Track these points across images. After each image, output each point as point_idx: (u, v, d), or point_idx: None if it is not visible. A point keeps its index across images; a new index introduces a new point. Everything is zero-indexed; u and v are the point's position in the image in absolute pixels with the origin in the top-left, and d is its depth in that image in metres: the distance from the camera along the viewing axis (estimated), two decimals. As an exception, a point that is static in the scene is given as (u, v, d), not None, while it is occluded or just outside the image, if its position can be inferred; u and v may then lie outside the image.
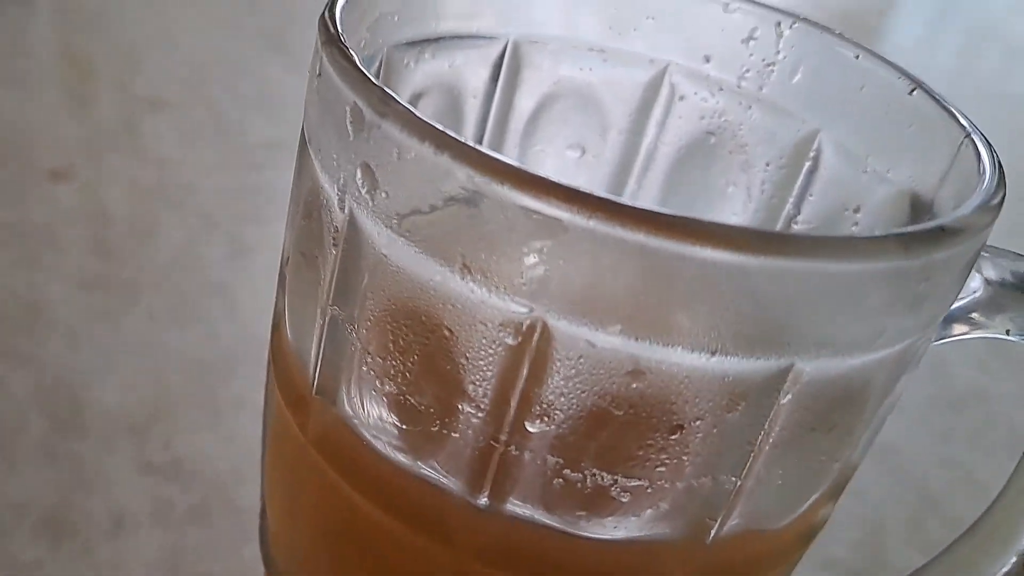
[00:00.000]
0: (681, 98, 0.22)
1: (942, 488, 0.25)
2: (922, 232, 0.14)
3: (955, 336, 0.19)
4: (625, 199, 0.14)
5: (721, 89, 0.21)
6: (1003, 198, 0.16)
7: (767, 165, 0.21)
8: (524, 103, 0.22)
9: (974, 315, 0.18)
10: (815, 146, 0.20)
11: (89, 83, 0.46)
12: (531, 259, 0.14)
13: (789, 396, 0.15)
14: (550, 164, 0.22)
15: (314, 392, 0.18)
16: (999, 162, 0.17)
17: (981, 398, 0.35)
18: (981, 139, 0.17)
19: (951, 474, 0.24)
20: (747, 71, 0.21)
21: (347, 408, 0.17)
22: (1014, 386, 0.32)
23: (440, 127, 0.14)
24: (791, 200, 0.21)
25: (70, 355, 0.32)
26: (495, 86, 0.22)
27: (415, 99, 0.21)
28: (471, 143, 0.14)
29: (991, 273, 0.18)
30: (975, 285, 0.18)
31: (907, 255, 0.14)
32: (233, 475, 0.29)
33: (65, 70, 0.47)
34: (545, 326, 0.15)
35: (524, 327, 0.15)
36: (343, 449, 0.18)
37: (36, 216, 0.38)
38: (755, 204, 0.21)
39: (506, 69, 0.22)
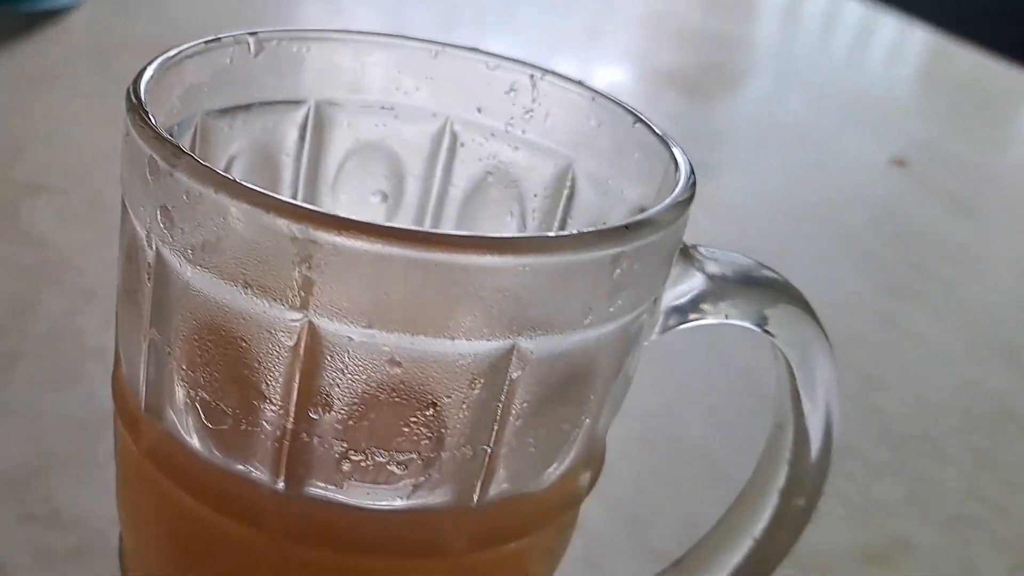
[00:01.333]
0: (462, 144, 0.25)
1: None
2: (611, 229, 0.18)
3: (689, 323, 0.22)
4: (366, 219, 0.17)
5: (493, 135, 0.25)
6: (689, 200, 0.20)
7: (535, 196, 0.25)
8: (331, 157, 0.25)
9: (703, 305, 0.22)
10: (570, 176, 0.24)
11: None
12: (295, 274, 0.17)
13: (520, 372, 0.19)
14: (357, 210, 0.26)
15: (143, 410, 0.21)
16: (692, 174, 0.20)
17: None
18: (682, 155, 0.21)
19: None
20: (512, 118, 0.25)
21: (171, 420, 0.20)
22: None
23: (216, 170, 0.18)
24: (556, 223, 0.25)
25: (-49, 423, 0.34)
26: (303, 144, 0.25)
27: (232, 160, 0.24)
28: (241, 181, 0.17)
29: (713, 269, 0.22)
30: (698, 281, 0.22)
31: (598, 247, 0.18)
32: (111, 520, 0.31)
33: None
34: (313, 327, 0.18)
35: (297, 331, 0.18)
36: (171, 457, 0.21)
37: (-84, 299, 0.40)
38: (529, 230, 0.25)
39: (311, 129, 0.25)
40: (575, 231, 0.18)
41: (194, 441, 0.20)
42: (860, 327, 0.21)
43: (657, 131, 0.22)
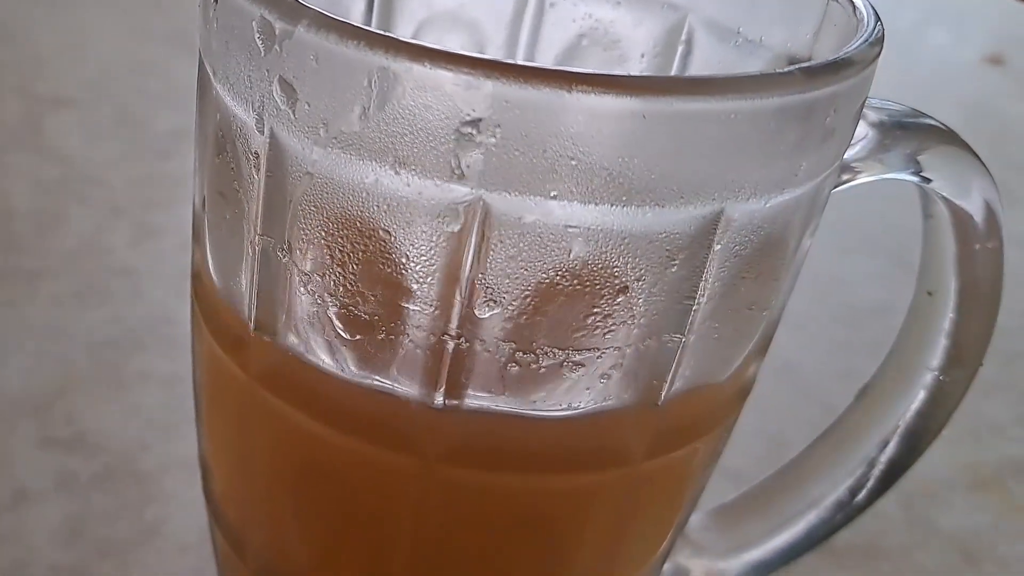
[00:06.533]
0: (551, 4, 0.22)
1: (842, 400, 0.26)
2: (823, 65, 0.15)
3: (845, 183, 0.20)
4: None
5: (589, -10, 0.22)
6: (883, 34, 0.17)
7: (642, 56, 0.22)
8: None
9: (864, 161, 0.19)
10: (686, 29, 0.21)
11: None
12: (464, 139, 0.14)
13: (721, 244, 0.16)
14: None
15: (252, 329, 0.18)
16: (872, 6, 0.18)
17: (880, 312, 0.37)
18: (850, -12, 0.18)
19: (851, 386, 0.25)
20: (611, -33, 0.22)
21: (290, 337, 0.17)
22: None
23: (354, 23, 0.14)
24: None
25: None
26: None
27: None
28: (389, 33, 0.14)
29: (874, 117, 0.19)
30: (862, 130, 0.19)
31: (814, 85, 0.15)
32: (136, 443, 0.29)
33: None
34: (486, 205, 0.15)
35: (464, 211, 0.15)
36: (293, 379, 0.18)
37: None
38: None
39: (379, -2, 0.22)
40: (789, 68, 0.15)
41: (325, 358, 0.17)
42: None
43: (806, -37, 0.19)
